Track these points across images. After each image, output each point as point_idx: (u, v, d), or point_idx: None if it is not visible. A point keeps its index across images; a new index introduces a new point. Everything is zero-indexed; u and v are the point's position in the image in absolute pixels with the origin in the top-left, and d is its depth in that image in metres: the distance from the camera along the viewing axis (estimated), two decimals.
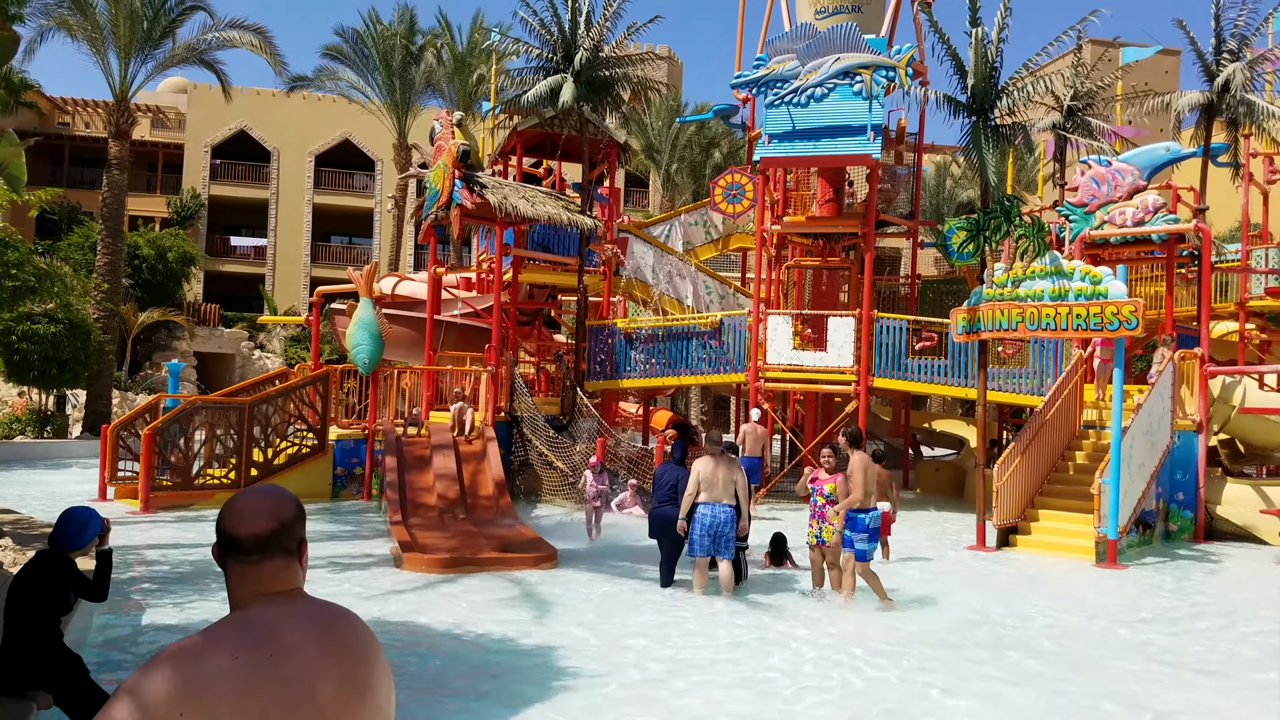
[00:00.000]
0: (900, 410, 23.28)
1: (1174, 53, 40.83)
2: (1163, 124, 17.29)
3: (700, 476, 9.15)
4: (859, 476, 8.96)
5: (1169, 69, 45.54)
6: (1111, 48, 29.89)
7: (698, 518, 9.15)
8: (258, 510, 1.97)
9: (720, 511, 9.11)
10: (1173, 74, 45.54)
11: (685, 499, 9.20)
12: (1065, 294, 12.16)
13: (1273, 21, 16.24)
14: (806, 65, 16.62)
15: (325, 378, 16.47)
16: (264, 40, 26.67)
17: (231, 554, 1.95)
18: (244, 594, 1.94)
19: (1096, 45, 34.29)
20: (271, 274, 45.76)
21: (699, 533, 9.15)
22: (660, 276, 21.98)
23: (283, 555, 1.98)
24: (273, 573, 1.96)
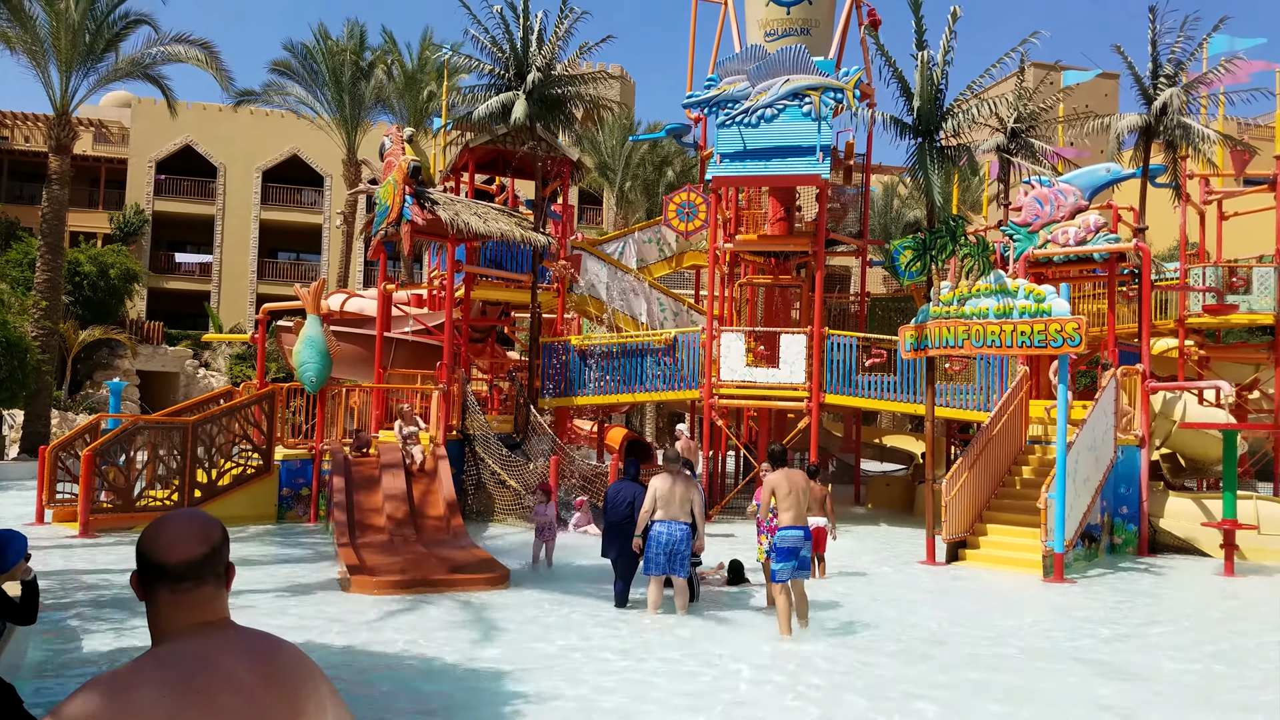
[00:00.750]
0: (851, 426, 23.50)
1: (1113, 76, 41.94)
2: (1103, 145, 17.74)
3: (657, 494, 9.08)
4: (764, 495, 8.95)
5: (1109, 92, 46.75)
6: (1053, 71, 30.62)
7: (654, 536, 9.07)
8: (188, 534, 1.90)
9: (676, 529, 9.07)
10: (1112, 97, 46.75)
11: (642, 516, 9.13)
12: (1009, 312, 12.38)
13: (1207, 47, 16.73)
14: (757, 86, 16.83)
15: (271, 396, 16.19)
16: (210, 55, 26.28)
17: (161, 582, 1.87)
18: (172, 624, 1.86)
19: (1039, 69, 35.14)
20: (217, 291, 44.99)
21: (655, 551, 9.07)
22: (614, 293, 22.00)
23: (214, 581, 1.91)
24: (204, 600, 1.89)
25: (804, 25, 19.38)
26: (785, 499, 8.48)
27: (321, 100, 35.45)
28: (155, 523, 1.94)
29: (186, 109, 42.37)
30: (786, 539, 8.36)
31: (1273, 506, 15.96)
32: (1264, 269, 20.38)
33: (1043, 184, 15.56)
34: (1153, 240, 18.25)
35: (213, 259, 45.42)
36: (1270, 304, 20.15)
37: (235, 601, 9.19)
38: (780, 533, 8.41)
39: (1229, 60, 16.85)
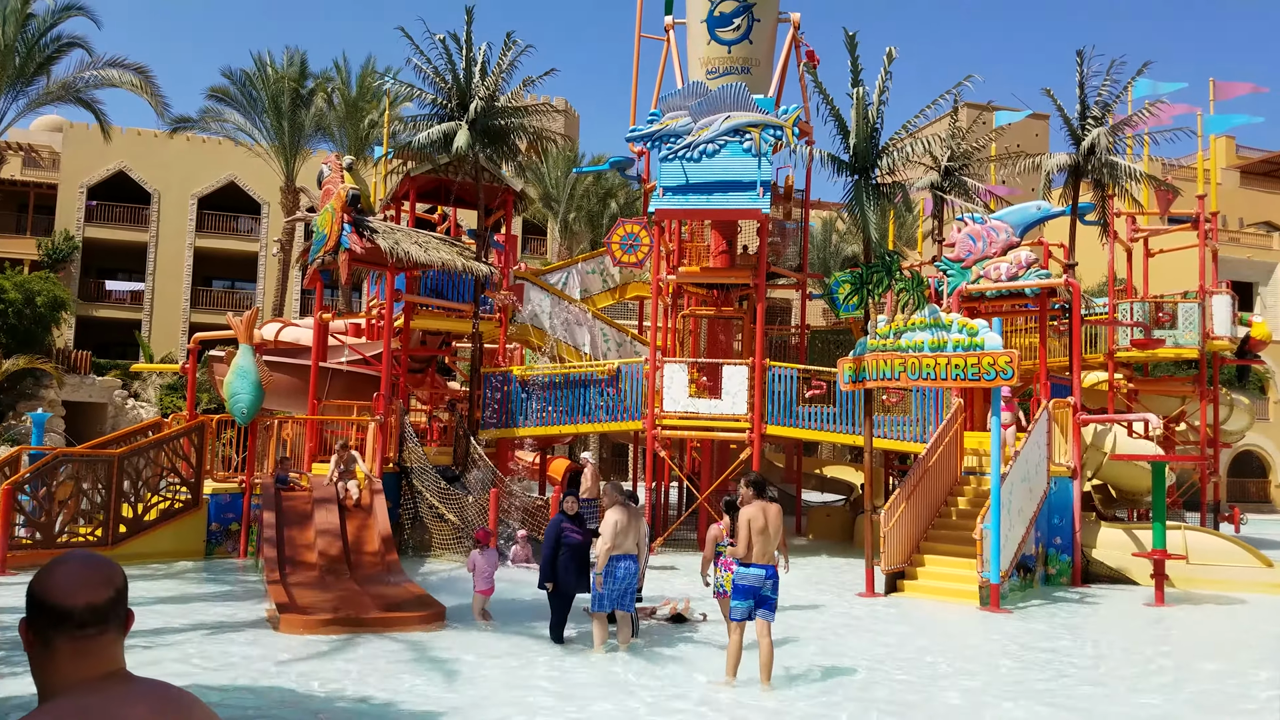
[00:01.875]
0: (793, 457, 23.63)
1: (1043, 117, 43.23)
2: (1034, 183, 18.22)
3: (618, 528, 8.84)
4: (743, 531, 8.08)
5: (1039, 132, 48.21)
6: (985, 111, 31.52)
7: (613, 571, 8.81)
8: (92, 577, 1.77)
9: (634, 565, 8.94)
10: (1043, 136, 48.22)
11: (602, 552, 8.84)
12: (944, 345, 12.57)
13: (1132, 90, 17.33)
14: (698, 122, 17.03)
15: (201, 428, 15.76)
16: (145, 80, 25.85)
17: (61, 629, 1.72)
18: (71, 676, 1.72)
19: (972, 109, 36.16)
20: (149, 319, 43.89)
21: (612, 587, 8.81)
22: (557, 324, 21.91)
23: (117, 627, 1.79)
24: (106, 649, 1.76)
25: (744, 64, 19.67)
26: (756, 535, 7.92)
27: (260, 127, 34.99)
28: (52, 564, 1.80)
29: (121, 134, 41.54)
30: (746, 577, 7.88)
31: (1201, 537, 16.37)
32: (1189, 305, 21.06)
33: (975, 221, 15.92)
34: (1082, 276, 18.74)
35: (145, 287, 44.36)
36: (1195, 339, 20.82)
37: (159, 641, 8.91)
38: (740, 570, 7.94)
39: (1152, 103, 17.48)
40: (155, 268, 44.32)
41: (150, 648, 8.75)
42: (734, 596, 7.95)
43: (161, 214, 44.53)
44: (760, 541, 7.90)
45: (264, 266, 44.97)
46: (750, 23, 19.65)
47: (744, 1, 19.62)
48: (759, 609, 7.88)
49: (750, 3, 19.64)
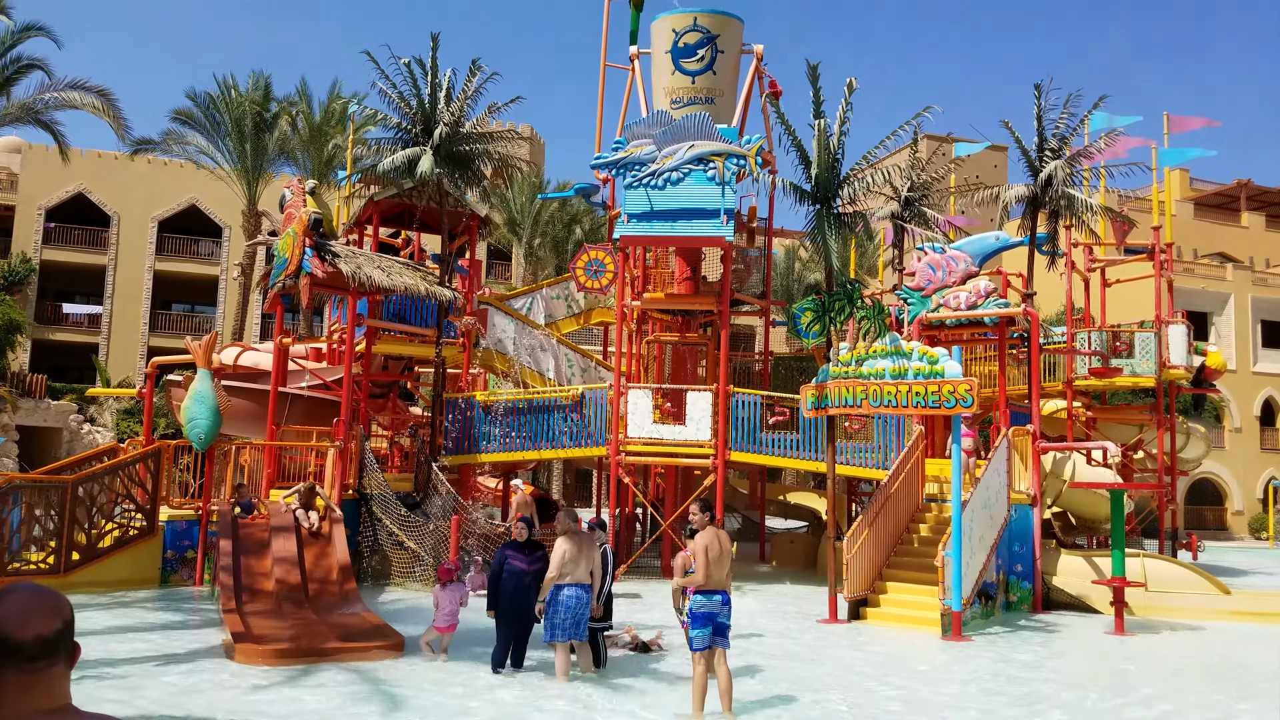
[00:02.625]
0: (756, 483, 23.66)
1: (1002, 148, 44.00)
2: (992, 214, 18.51)
3: (566, 557, 8.78)
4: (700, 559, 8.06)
5: (998, 163, 49.06)
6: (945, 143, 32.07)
7: (563, 601, 8.71)
8: (40, 607, 1.72)
9: (584, 593, 8.82)
10: (1001, 168, 49.08)
11: (547, 580, 8.81)
12: (905, 373, 12.67)
13: (1088, 124, 17.70)
14: (663, 150, 17.17)
15: (157, 454, 15.48)
16: (107, 103, 25.49)
17: (9, 661, 1.67)
18: (18, 710, 1.67)
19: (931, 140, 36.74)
20: (106, 343, 43.20)
21: (563, 616, 8.72)
22: (521, 349, 21.84)
23: (65, 660, 1.74)
24: (54, 682, 1.71)
25: (708, 94, 19.87)
26: (713, 561, 7.87)
27: (223, 150, 34.72)
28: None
29: (80, 156, 41.05)
30: (705, 604, 7.85)
31: (1159, 564, 16.57)
32: (1145, 334, 21.41)
33: (935, 250, 16.13)
34: (1041, 305, 19.05)
35: (102, 310, 43.69)
36: (1152, 367, 21.15)
37: (110, 673, 8.68)
38: (696, 598, 7.90)
39: (1109, 136, 17.86)
40: (114, 291, 43.71)
41: (101, 679, 8.54)
42: (694, 625, 7.88)
43: (121, 236, 43.97)
44: (716, 568, 7.88)
45: (224, 290, 44.49)
46: (714, 54, 19.87)
47: (708, 33, 19.85)
48: (715, 636, 7.85)
49: (714, 35, 19.87)
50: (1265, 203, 50.46)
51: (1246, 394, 41.68)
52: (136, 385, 32.70)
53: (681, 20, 20.02)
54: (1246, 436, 41.70)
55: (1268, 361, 42.61)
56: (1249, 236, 47.91)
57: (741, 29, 20.59)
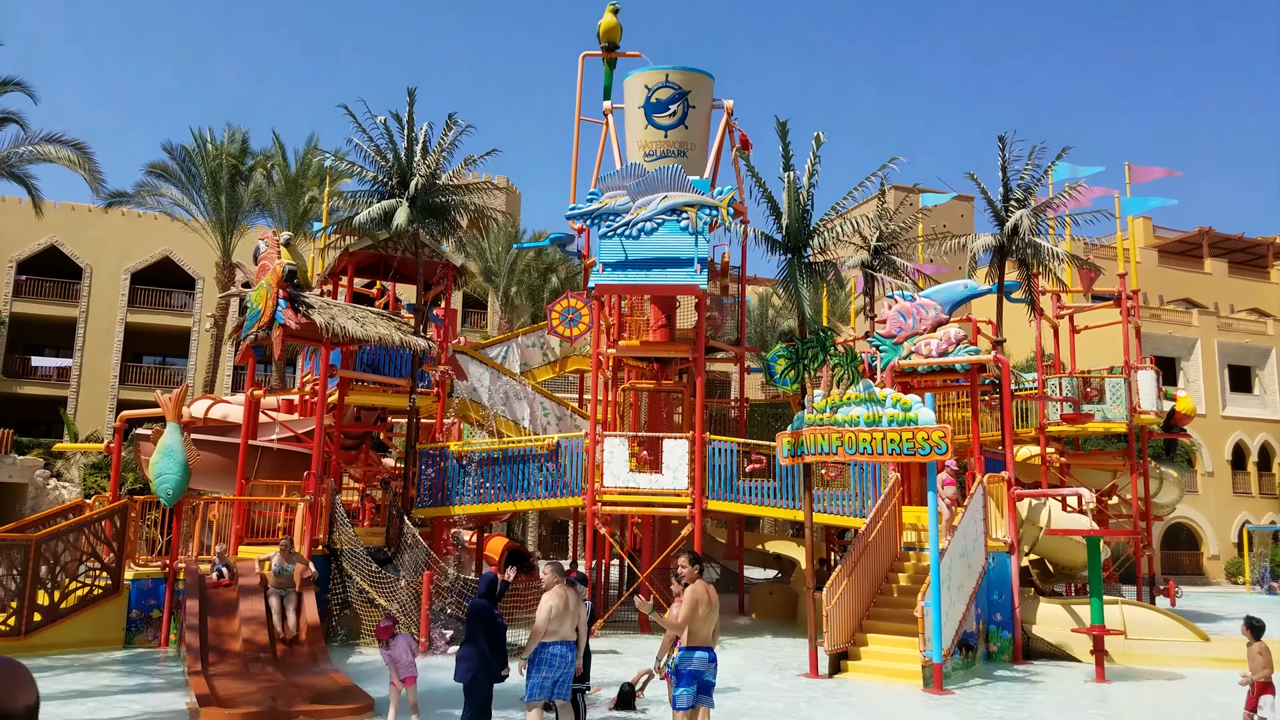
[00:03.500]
0: (734, 533, 23.50)
1: (968, 198, 44.72)
2: (960, 262, 18.77)
3: (553, 612, 8.38)
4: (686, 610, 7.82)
5: (964, 213, 49.84)
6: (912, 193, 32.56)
7: (548, 659, 8.21)
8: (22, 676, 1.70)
9: (571, 651, 8.35)
10: (968, 217, 49.85)
11: (534, 636, 8.24)
12: (879, 420, 12.69)
13: (1052, 174, 18.01)
14: (637, 201, 17.33)
15: (123, 510, 15.19)
16: (82, 156, 25.41)
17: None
18: None
19: (899, 190, 37.31)
20: (75, 396, 42.63)
21: (545, 675, 8.18)
22: (496, 397, 21.73)
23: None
24: None
25: (680, 147, 20.12)
26: (698, 616, 7.58)
27: (197, 202, 34.64)
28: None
29: (54, 208, 40.85)
30: (690, 661, 7.58)
31: (1138, 611, 16.54)
32: (1115, 380, 21.61)
33: (905, 298, 16.28)
34: (1011, 352, 19.21)
35: (73, 363, 43.18)
36: (1123, 413, 21.32)
37: None
38: (683, 653, 7.63)
39: (1072, 186, 18.17)
40: (84, 343, 43.27)
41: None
42: (679, 683, 7.63)
43: (93, 289, 43.64)
44: (705, 623, 7.65)
45: (196, 342, 44.15)
46: (685, 109, 20.18)
47: (679, 89, 20.16)
48: (700, 695, 7.61)
49: (685, 90, 20.18)
50: (1227, 249, 51.47)
51: (1217, 438, 42.10)
52: (105, 439, 32.24)
53: (654, 77, 20.33)
54: (1219, 480, 42.03)
55: (1236, 405, 43.13)
56: (1212, 282, 48.76)
57: (712, 85, 20.94)
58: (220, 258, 34.92)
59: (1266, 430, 43.36)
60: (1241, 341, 43.60)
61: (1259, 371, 44.13)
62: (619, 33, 22.46)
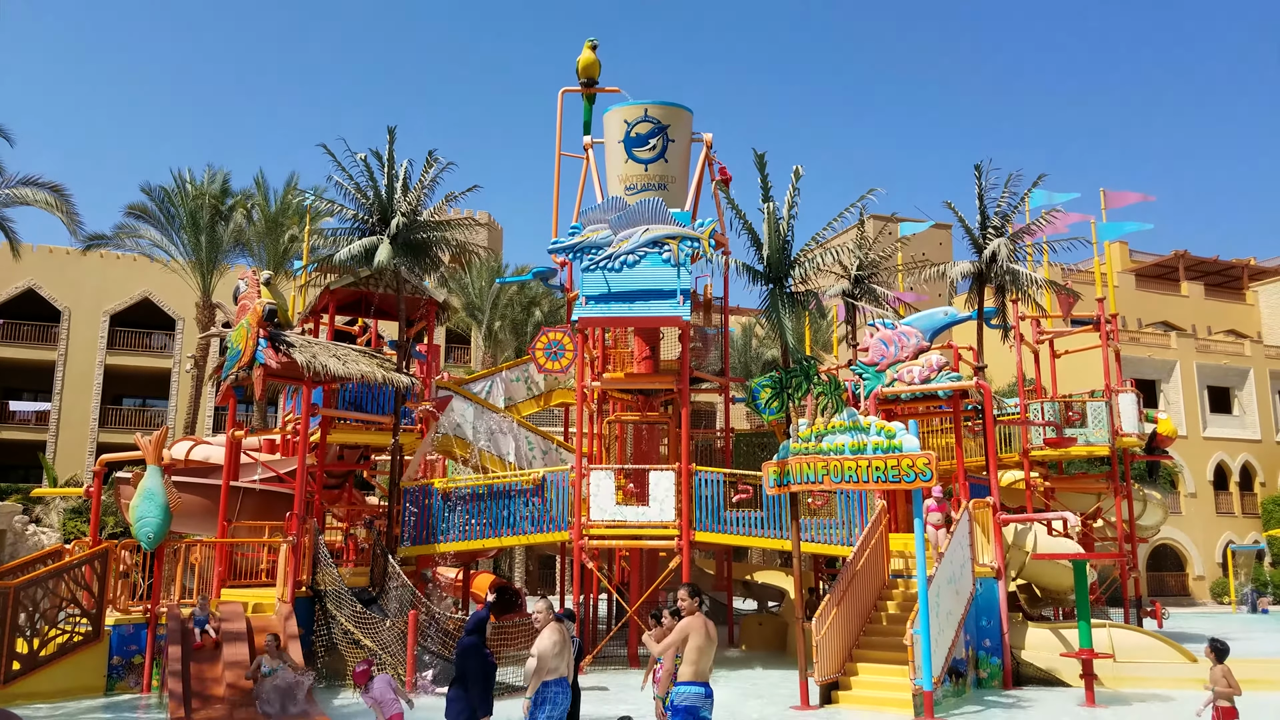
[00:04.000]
0: (722, 563, 23.40)
1: (946, 226, 45.15)
2: (940, 290, 18.96)
3: (555, 649, 8.12)
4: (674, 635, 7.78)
5: (943, 241, 50.35)
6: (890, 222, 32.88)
7: (551, 697, 8.07)
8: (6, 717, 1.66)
9: (567, 689, 8.24)
10: (946, 245, 50.35)
11: (535, 677, 8.09)
12: (864, 448, 12.71)
13: (1029, 201, 18.26)
14: (619, 234, 17.42)
15: (104, 555, 14.98)
16: (60, 199, 25.36)
17: None
18: None
19: (877, 220, 37.69)
20: (54, 440, 42.18)
21: (548, 713, 8.03)
22: (480, 433, 21.63)
23: None
24: None
25: (661, 181, 20.27)
26: (696, 650, 7.44)
27: (177, 243, 34.56)
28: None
29: (32, 251, 40.59)
30: (686, 696, 7.41)
31: (1126, 634, 16.54)
32: (1096, 403, 21.74)
33: (886, 326, 16.39)
34: (993, 377, 19.36)
35: (51, 406, 42.76)
36: (1105, 436, 21.43)
37: None
38: (679, 688, 7.48)
39: (1049, 213, 18.43)
40: (63, 386, 42.91)
41: None
42: (673, 718, 7.50)
43: (71, 331, 43.35)
44: (703, 658, 7.53)
45: (177, 383, 43.85)
46: (665, 143, 20.36)
47: (658, 124, 20.36)
48: None
49: (665, 125, 20.38)
50: (1202, 272, 52.15)
51: (1198, 459, 42.37)
52: (85, 483, 31.88)
53: (633, 111, 20.52)
54: (1201, 501, 42.26)
55: (1216, 426, 43.48)
56: (1190, 305, 49.34)
57: (691, 119, 21.14)
58: (200, 298, 34.79)
59: (1247, 450, 43.70)
60: (1220, 363, 44.03)
61: (1238, 392, 44.55)
62: (598, 68, 22.69)
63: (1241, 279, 53.12)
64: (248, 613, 14.70)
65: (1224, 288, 52.91)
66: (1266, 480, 43.78)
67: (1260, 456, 43.86)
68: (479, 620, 9.19)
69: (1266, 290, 52.34)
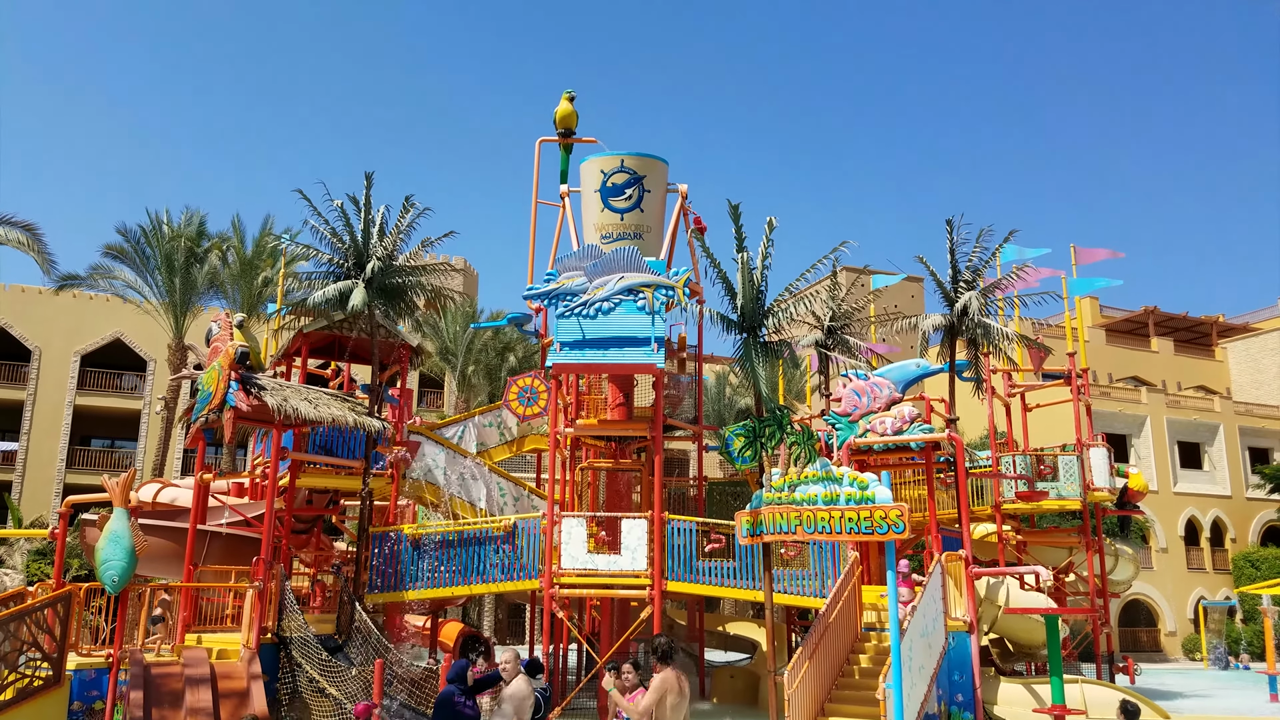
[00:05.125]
0: (694, 614, 23.19)
1: (917, 279, 45.79)
2: (912, 342, 19.10)
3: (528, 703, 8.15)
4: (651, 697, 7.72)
5: (914, 293, 50.96)
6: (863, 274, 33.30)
7: None
8: None
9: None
10: (918, 298, 50.95)
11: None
12: (837, 498, 12.72)
13: (1000, 256, 18.52)
14: (594, 282, 17.50)
15: (67, 598, 14.64)
16: (33, 238, 25.19)
17: None
18: None
19: (850, 271, 38.14)
20: (20, 480, 41.48)
21: None
22: (452, 478, 21.48)
23: None
24: None
25: (636, 230, 20.46)
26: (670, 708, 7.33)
27: (151, 284, 34.40)
28: None
29: (3, 290, 40.38)
30: None
31: (1098, 690, 16.49)
32: (1068, 457, 21.88)
33: (859, 377, 16.51)
34: (964, 429, 19.46)
35: (17, 446, 42.12)
36: (1076, 490, 21.54)
37: None
38: None
39: (1020, 268, 18.68)
40: (31, 426, 42.31)
41: None
42: None
43: (41, 371, 42.86)
44: (675, 714, 7.46)
45: (146, 425, 43.35)
46: (641, 193, 20.59)
47: (634, 174, 20.60)
48: None
49: (640, 175, 20.62)
50: (1172, 328, 52.94)
51: (1170, 514, 42.65)
52: (50, 525, 31.29)
53: (609, 162, 20.75)
54: (1173, 556, 42.45)
55: (1187, 482, 43.84)
56: (1159, 360, 49.99)
57: (666, 170, 21.40)
58: (173, 339, 34.56)
59: (1217, 506, 44.04)
60: (1190, 418, 44.52)
61: (1208, 448, 45.01)
62: (575, 119, 22.97)
63: (1210, 335, 53.96)
64: (212, 658, 14.41)
65: (1193, 344, 53.70)
66: (1237, 536, 44.09)
67: (1230, 512, 44.20)
68: (460, 670, 9.06)
69: (1235, 347, 53.17)
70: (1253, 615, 39.20)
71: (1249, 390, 51.13)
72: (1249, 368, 52.13)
